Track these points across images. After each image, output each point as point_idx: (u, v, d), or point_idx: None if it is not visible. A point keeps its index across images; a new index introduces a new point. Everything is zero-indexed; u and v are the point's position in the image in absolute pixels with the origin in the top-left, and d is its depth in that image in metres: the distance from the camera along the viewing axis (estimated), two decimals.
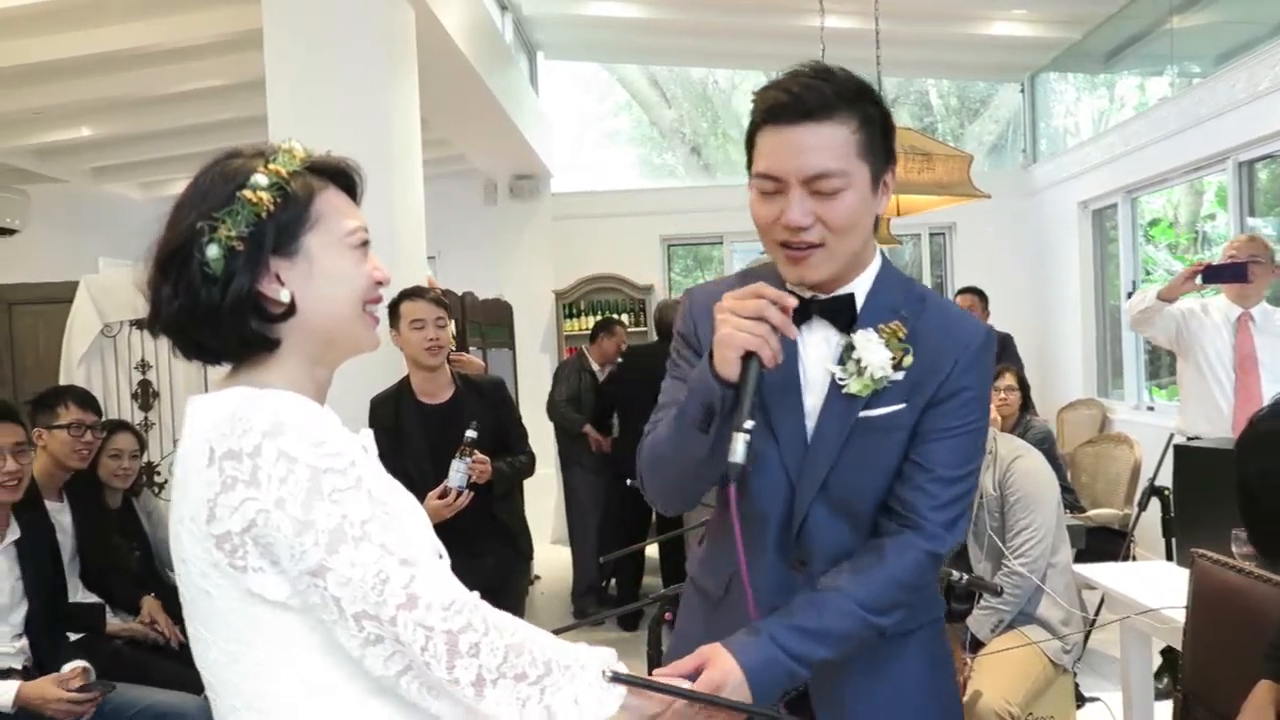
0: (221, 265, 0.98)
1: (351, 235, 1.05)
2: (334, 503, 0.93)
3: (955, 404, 1.26)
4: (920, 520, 1.25)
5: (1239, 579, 1.81)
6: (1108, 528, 4.01)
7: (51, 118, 5.23)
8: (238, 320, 1.00)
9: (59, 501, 2.91)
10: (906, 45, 6.48)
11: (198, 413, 0.99)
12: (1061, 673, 2.53)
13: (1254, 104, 4.90)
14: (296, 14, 3.41)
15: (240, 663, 0.97)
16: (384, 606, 0.93)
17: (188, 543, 0.97)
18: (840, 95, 1.21)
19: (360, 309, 1.07)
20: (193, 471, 0.96)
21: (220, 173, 1.03)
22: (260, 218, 0.99)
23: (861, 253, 1.29)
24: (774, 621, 1.22)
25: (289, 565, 0.93)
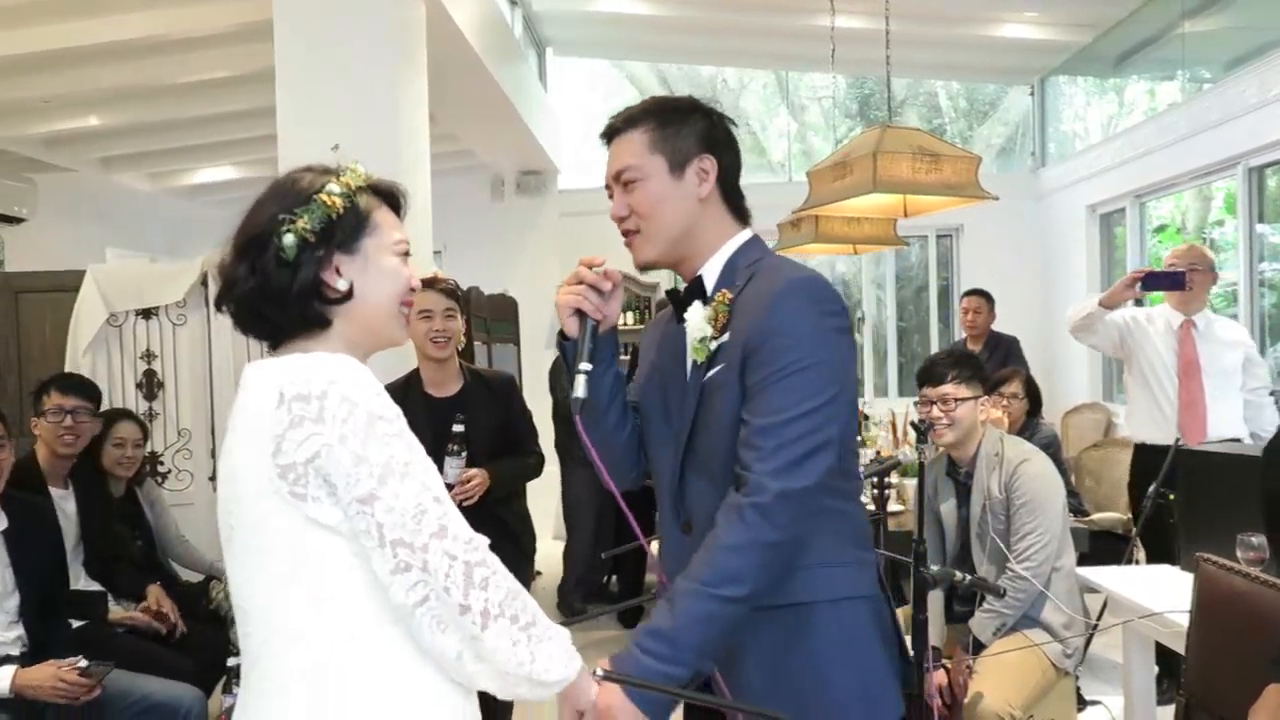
0: (295, 253, 1.16)
1: (398, 245, 1.26)
2: (385, 443, 1.09)
3: (765, 352, 1.32)
4: (745, 474, 1.29)
5: (1244, 584, 1.81)
6: (1111, 532, 4.00)
7: (60, 107, 5.24)
8: (303, 300, 1.17)
9: (64, 489, 2.92)
10: (917, 46, 6.46)
11: (260, 371, 1.15)
12: (1063, 676, 2.53)
13: (1265, 109, 4.89)
14: (307, 5, 3.42)
15: (295, 583, 1.11)
16: (419, 534, 1.08)
17: (248, 479, 1.11)
18: (636, 110, 1.46)
19: (398, 305, 1.25)
20: (260, 414, 1.10)
21: (296, 181, 1.22)
22: (332, 218, 1.18)
23: (703, 236, 1.45)
24: (639, 629, 1.30)
25: (343, 493, 1.08)
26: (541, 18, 7.48)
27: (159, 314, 4.00)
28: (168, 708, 2.56)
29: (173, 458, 4.02)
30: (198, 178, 7.22)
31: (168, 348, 4.02)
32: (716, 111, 1.48)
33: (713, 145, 1.45)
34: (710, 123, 1.46)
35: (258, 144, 6.13)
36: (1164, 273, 3.53)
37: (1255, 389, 3.57)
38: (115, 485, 3.15)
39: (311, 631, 1.10)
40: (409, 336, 1.27)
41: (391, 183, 1.30)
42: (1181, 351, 3.52)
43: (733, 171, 1.47)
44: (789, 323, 1.32)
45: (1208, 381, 3.47)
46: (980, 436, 2.64)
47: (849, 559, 1.39)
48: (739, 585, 1.26)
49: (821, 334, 1.33)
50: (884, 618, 1.42)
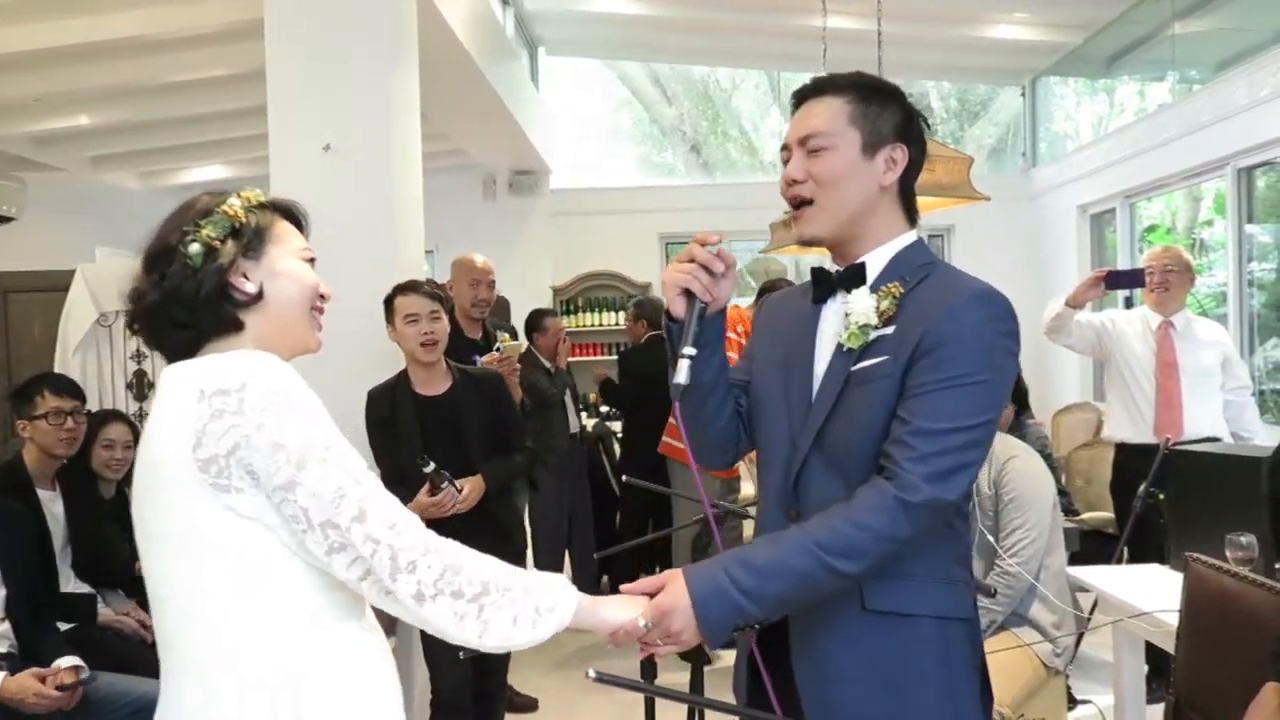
0: (201, 259, 1.20)
1: (303, 251, 1.30)
2: (303, 429, 1.12)
3: (937, 357, 1.27)
4: (895, 469, 1.25)
5: (1233, 583, 1.82)
6: (1101, 531, 4.02)
7: (50, 105, 5.21)
8: (212, 303, 1.20)
9: (51, 490, 2.90)
10: (908, 47, 6.48)
11: (178, 372, 1.19)
12: (1053, 675, 2.53)
13: (1254, 111, 4.91)
14: (298, 4, 3.40)
15: (217, 572, 1.13)
16: (342, 515, 1.11)
17: (168, 474, 1.13)
18: (847, 79, 1.40)
19: (308, 308, 1.28)
20: (180, 411, 1.13)
21: (197, 200, 1.26)
22: (234, 226, 1.22)
23: (874, 224, 1.39)
24: (731, 554, 1.25)
25: (265, 482, 1.11)
26: (533, 17, 7.47)
27: None
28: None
29: None
30: (188, 177, 7.19)
31: None
32: (914, 107, 1.43)
33: (908, 137, 1.39)
34: (908, 115, 1.40)
35: (248, 143, 6.11)
36: (1126, 271, 3.63)
37: (1236, 389, 3.61)
38: (105, 487, 3.14)
39: (235, 620, 1.12)
40: (319, 343, 1.31)
41: (290, 201, 1.34)
42: (1159, 351, 3.56)
43: (915, 170, 1.42)
44: (970, 333, 1.27)
45: (1185, 380, 3.51)
46: None
47: (958, 578, 1.36)
48: (851, 563, 1.22)
49: (998, 353, 1.29)
50: (978, 644, 1.39)
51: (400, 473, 2.76)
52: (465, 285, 3.64)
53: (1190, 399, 3.50)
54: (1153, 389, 3.55)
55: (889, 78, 1.48)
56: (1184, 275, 3.60)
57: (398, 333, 2.77)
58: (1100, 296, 3.73)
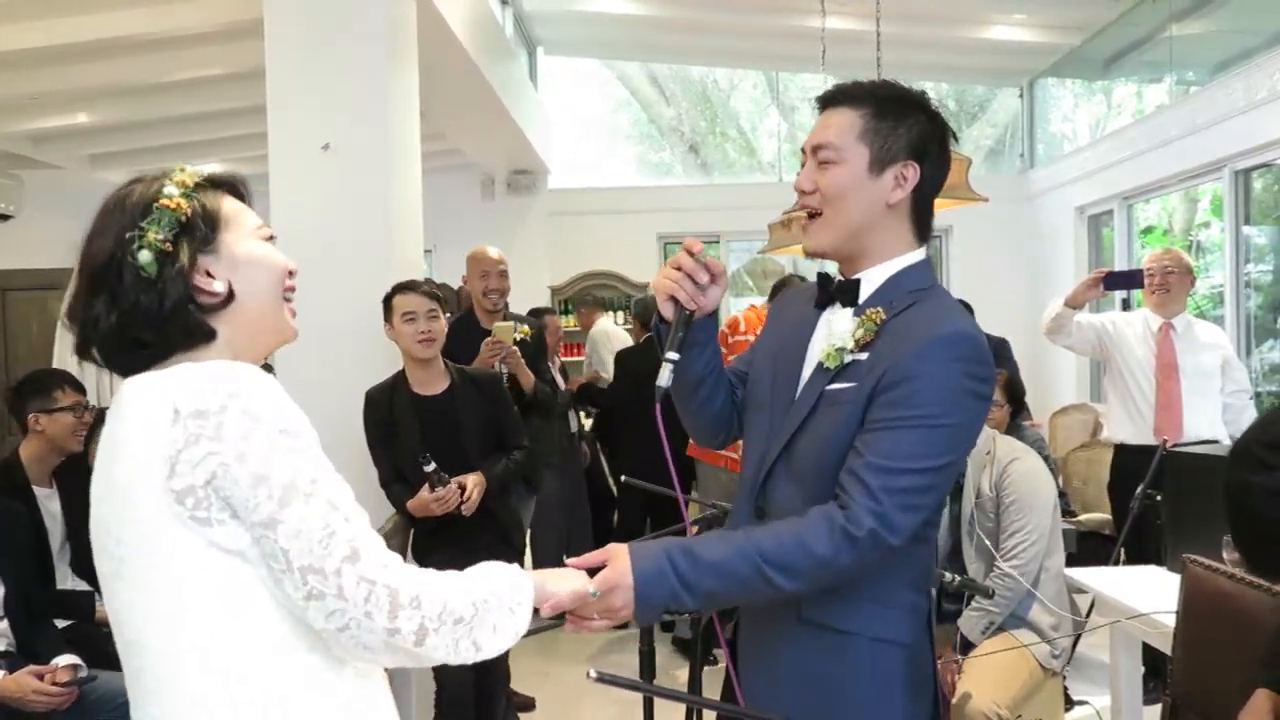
0: (156, 268, 1.05)
1: (259, 230, 1.15)
2: (289, 460, 1.00)
3: (899, 394, 1.26)
4: (847, 500, 1.25)
5: (1230, 585, 1.82)
6: (1098, 532, 4.03)
7: (48, 103, 5.21)
8: (179, 315, 1.07)
9: (49, 488, 2.90)
10: (907, 48, 6.49)
11: (144, 386, 1.04)
12: (1050, 676, 2.54)
13: (1251, 113, 4.92)
14: (297, 3, 3.40)
15: (200, 611, 1.01)
16: (329, 558, 0.99)
17: (139, 505, 1.01)
18: (865, 90, 1.38)
19: (280, 296, 1.15)
20: (150, 433, 1.00)
21: (128, 195, 1.11)
22: (181, 221, 1.07)
23: (878, 241, 1.37)
24: (679, 542, 1.26)
25: (244, 516, 1.00)
26: (532, 17, 7.47)
27: None
28: None
29: None
30: None
31: None
32: (940, 117, 1.40)
33: (922, 154, 1.36)
34: (929, 128, 1.38)
35: (246, 142, 6.10)
36: (1124, 272, 3.65)
37: (1235, 392, 3.62)
38: None
39: (216, 661, 1.02)
40: (296, 331, 1.18)
41: (228, 174, 1.18)
42: (1159, 353, 3.56)
43: (933, 185, 1.39)
44: (936, 374, 1.26)
45: (1185, 382, 3.52)
46: None
47: (901, 602, 1.34)
48: (789, 580, 1.23)
49: (962, 396, 1.27)
50: (919, 666, 1.37)
51: (399, 472, 2.77)
52: (477, 277, 3.68)
53: (1190, 401, 3.50)
54: (1152, 390, 3.56)
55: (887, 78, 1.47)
56: (1184, 277, 3.61)
57: (395, 331, 2.78)
58: (1099, 297, 3.75)
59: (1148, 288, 3.62)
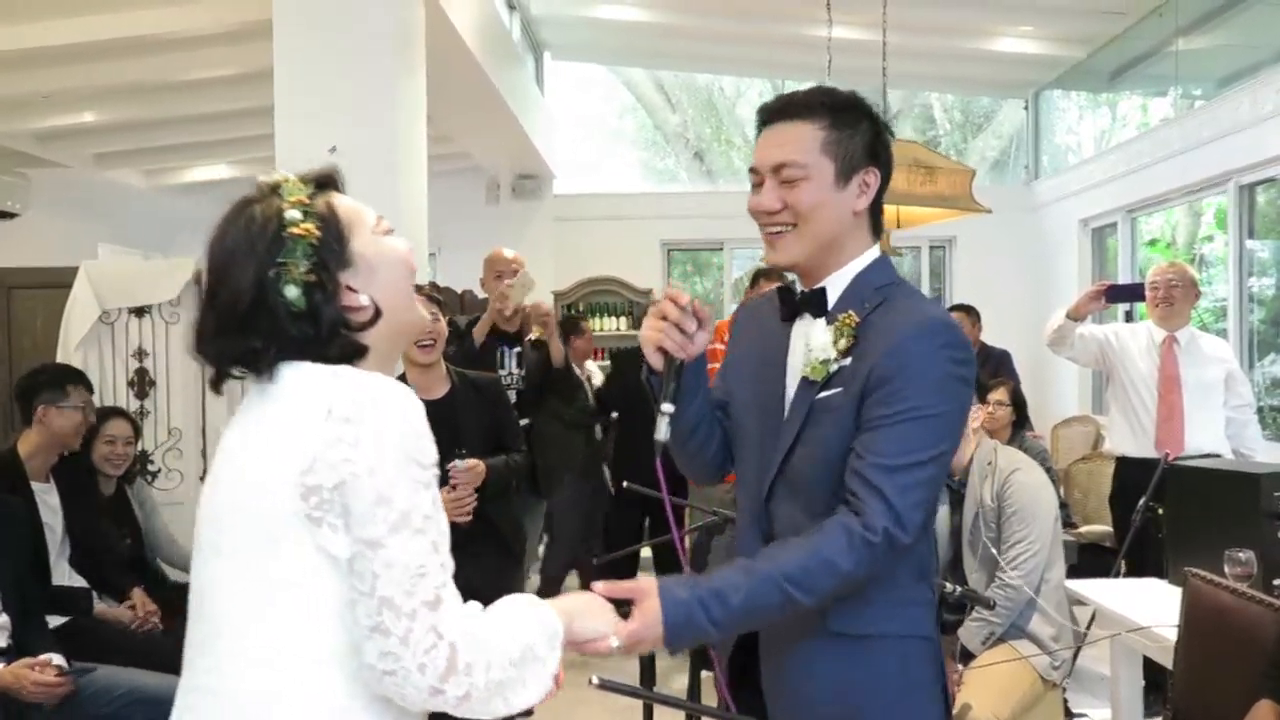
0: (304, 301, 1.06)
1: (379, 226, 1.15)
2: (412, 490, 1.01)
3: (888, 390, 1.27)
4: (859, 505, 1.26)
5: (1231, 599, 1.82)
6: (1099, 544, 4.02)
7: (55, 102, 5.23)
8: (334, 338, 1.08)
9: (46, 483, 2.90)
10: (913, 58, 6.50)
11: (306, 376, 1.06)
12: (1050, 688, 2.53)
13: (1257, 127, 4.93)
14: (307, 5, 3.42)
15: (280, 604, 1.03)
16: (411, 598, 0.99)
17: (264, 487, 1.03)
18: (816, 100, 1.36)
19: (412, 290, 1.17)
20: (299, 424, 1.03)
21: (250, 223, 1.09)
22: (314, 246, 1.07)
23: (840, 249, 1.38)
24: (706, 587, 1.25)
25: (357, 529, 1.00)
26: (539, 21, 7.49)
27: (152, 312, 3.98)
28: (155, 698, 2.55)
29: (163, 457, 3.99)
30: (192, 175, 7.20)
31: (160, 346, 4.00)
32: (882, 120, 1.41)
33: (877, 157, 1.37)
34: (877, 131, 1.38)
35: (253, 143, 6.12)
36: (1126, 285, 3.65)
37: (1239, 406, 3.61)
38: (105, 484, 3.14)
39: (280, 656, 1.03)
40: (428, 318, 1.21)
41: (324, 168, 1.18)
42: (1163, 366, 3.56)
43: (884, 186, 1.40)
44: (922, 365, 1.27)
45: (1187, 396, 3.51)
46: (974, 445, 2.65)
47: (914, 597, 1.36)
48: (814, 598, 1.24)
49: (950, 383, 1.29)
50: (938, 659, 1.39)
51: None
52: (492, 278, 3.71)
53: (1192, 414, 3.50)
54: (1155, 403, 3.55)
55: (893, 89, 1.48)
56: (1188, 290, 3.60)
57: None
58: (1101, 310, 3.75)
59: (1151, 301, 3.62)
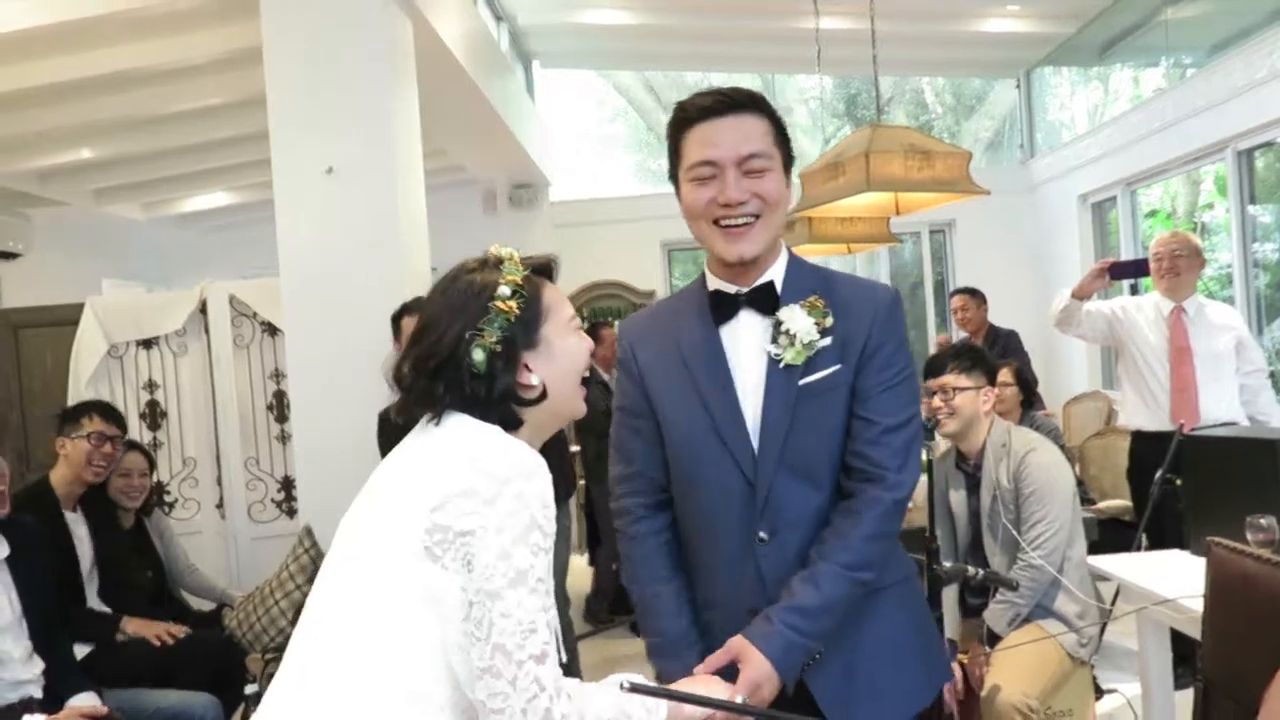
0: (486, 366, 1.19)
1: (573, 320, 1.29)
2: (532, 552, 1.10)
3: (883, 357, 1.40)
4: (881, 472, 1.37)
5: (1257, 566, 1.81)
6: (1118, 519, 4.01)
7: (52, 140, 5.25)
8: (502, 405, 1.20)
9: (74, 513, 2.94)
10: (902, 44, 6.49)
11: (463, 425, 1.18)
12: (1079, 665, 2.53)
13: (1250, 92, 4.91)
14: (295, 29, 3.43)
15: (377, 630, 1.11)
16: (522, 649, 1.08)
17: (397, 515, 1.13)
18: (759, 97, 1.44)
19: (579, 384, 1.29)
20: (444, 465, 1.14)
21: (468, 288, 1.23)
22: (510, 321, 1.20)
23: (778, 239, 1.47)
24: (782, 609, 1.34)
25: (478, 579, 1.09)
26: (527, 31, 7.50)
27: (159, 344, 4.01)
28: (185, 716, 2.58)
29: (178, 486, 4.01)
30: (191, 205, 7.23)
31: (169, 377, 4.02)
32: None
33: (791, 154, 1.48)
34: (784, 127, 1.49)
35: (251, 169, 6.14)
36: (1129, 261, 3.65)
37: (1251, 372, 3.58)
38: (124, 517, 3.15)
39: (362, 683, 1.10)
40: (585, 409, 1.30)
41: (546, 257, 1.32)
42: (1172, 337, 3.54)
43: None
44: (899, 331, 1.43)
45: (1199, 365, 3.49)
46: (987, 427, 2.65)
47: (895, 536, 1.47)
48: (872, 571, 1.36)
49: (906, 346, 1.45)
50: (922, 593, 1.56)
51: None
52: None
53: (1205, 384, 3.48)
54: (1167, 375, 3.53)
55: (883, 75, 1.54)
56: (1193, 260, 3.58)
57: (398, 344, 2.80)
58: (1106, 287, 3.74)
59: (1156, 273, 3.60)
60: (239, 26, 3.95)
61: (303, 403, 3.48)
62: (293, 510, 3.87)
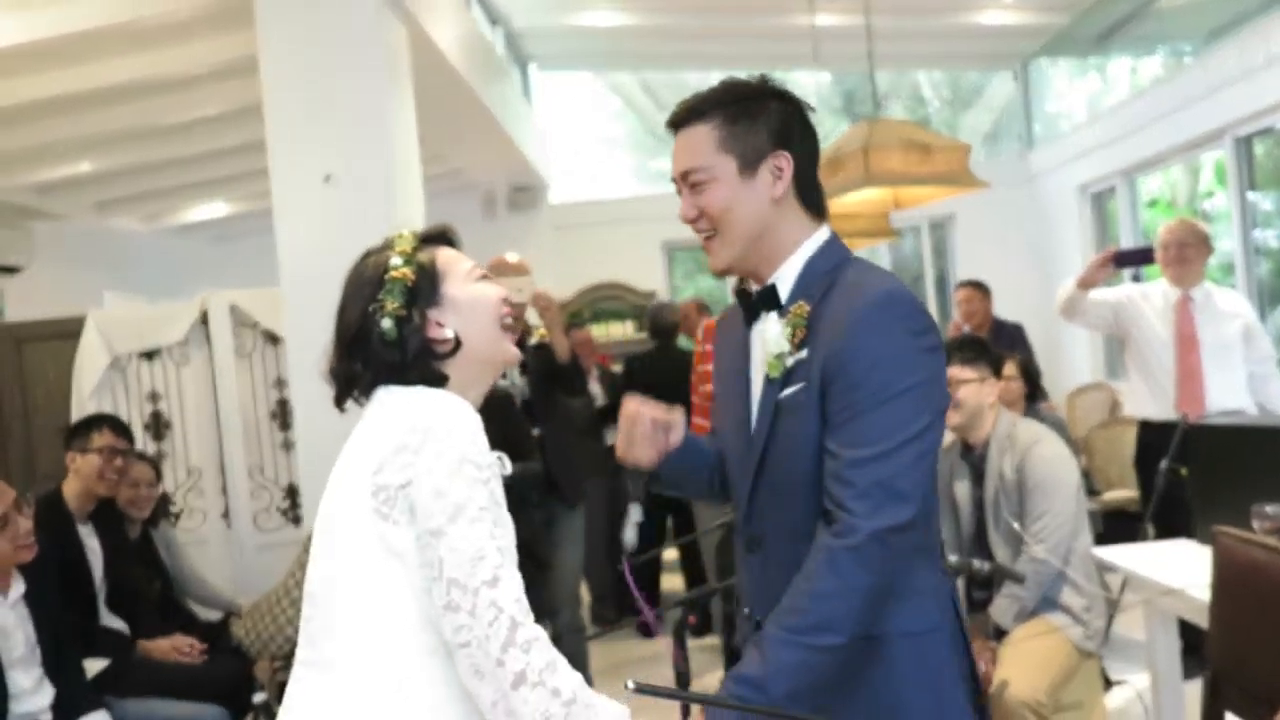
0: (395, 332, 1.27)
1: (472, 272, 1.35)
2: (467, 485, 1.17)
3: (850, 377, 1.23)
4: (837, 512, 1.21)
5: (1264, 555, 1.81)
6: (1124, 510, 4.00)
7: (52, 153, 5.26)
8: (420, 364, 1.28)
9: (86, 525, 2.95)
10: (898, 39, 6.49)
11: (391, 396, 1.27)
12: (1087, 658, 2.52)
13: (1248, 79, 4.90)
14: (291, 38, 3.44)
15: (361, 593, 1.20)
16: (473, 577, 1.14)
17: (350, 486, 1.23)
18: (705, 101, 1.36)
19: (499, 327, 1.33)
20: (377, 433, 1.23)
21: (364, 271, 1.33)
22: (408, 287, 1.28)
23: (778, 239, 1.35)
24: (731, 676, 1.22)
25: (420, 522, 1.17)
26: (523, 34, 7.50)
27: (162, 355, 4.02)
28: None
29: (184, 497, 4.02)
30: (191, 216, 7.24)
31: (172, 388, 4.03)
32: (792, 97, 1.37)
33: (788, 139, 1.33)
34: (785, 111, 1.35)
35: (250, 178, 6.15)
36: (1133, 250, 3.64)
37: (1259, 360, 3.55)
38: (131, 528, 3.16)
39: (364, 643, 1.19)
40: (519, 353, 1.37)
41: (438, 226, 1.41)
42: (1179, 325, 3.51)
43: (809, 164, 1.36)
44: (875, 345, 1.22)
45: (1205, 354, 3.46)
46: (992, 419, 2.64)
47: (920, 587, 1.29)
48: (832, 634, 1.19)
49: (910, 355, 1.23)
50: (956, 645, 1.33)
51: None
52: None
53: (1212, 372, 3.44)
54: (1173, 364, 3.50)
55: (879, 70, 1.48)
56: (1200, 248, 3.53)
57: None
58: (1110, 277, 3.72)
59: (1163, 261, 3.55)
60: (234, 36, 3.96)
61: (305, 410, 3.48)
62: (298, 518, 3.87)
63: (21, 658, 2.41)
